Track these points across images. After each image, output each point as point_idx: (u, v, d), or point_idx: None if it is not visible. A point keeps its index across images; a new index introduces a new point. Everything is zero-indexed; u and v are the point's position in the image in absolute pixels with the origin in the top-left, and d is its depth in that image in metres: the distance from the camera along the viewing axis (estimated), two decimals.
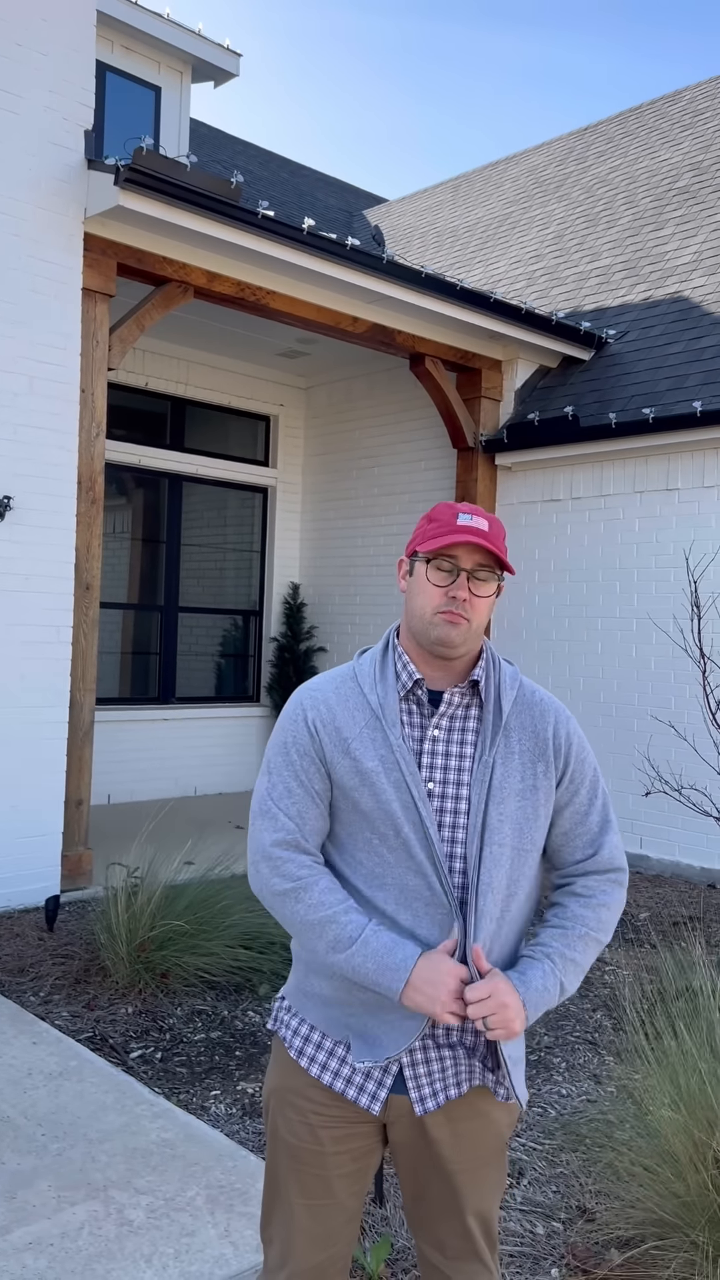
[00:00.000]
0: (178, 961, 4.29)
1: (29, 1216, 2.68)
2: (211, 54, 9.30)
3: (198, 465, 8.87)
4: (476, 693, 1.75)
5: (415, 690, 1.72)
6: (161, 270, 5.95)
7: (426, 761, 1.69)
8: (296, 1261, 1.78)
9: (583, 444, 7.13)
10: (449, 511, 1.71)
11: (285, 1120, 1.78)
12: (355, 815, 1.70)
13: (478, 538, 1.66)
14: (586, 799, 1.77)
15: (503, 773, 1.69)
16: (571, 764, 1.75)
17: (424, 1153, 1.76)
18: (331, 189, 13.79)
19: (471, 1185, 1.78)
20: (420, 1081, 1.71)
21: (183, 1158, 3.01)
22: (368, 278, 6.49)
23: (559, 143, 12.29)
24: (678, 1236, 2.50)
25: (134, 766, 8.38)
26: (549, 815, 1.75)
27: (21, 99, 5.36)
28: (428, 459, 8.53)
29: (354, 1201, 1.80)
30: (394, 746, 1.67)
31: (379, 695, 1.70)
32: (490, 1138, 1.78)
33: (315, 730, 1.70)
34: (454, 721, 1.72)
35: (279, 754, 1.74)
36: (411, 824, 1.66)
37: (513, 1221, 2.82)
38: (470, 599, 1.68)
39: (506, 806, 1.68)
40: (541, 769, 1.72)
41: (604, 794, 1.80)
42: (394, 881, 1.68)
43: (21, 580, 5.41)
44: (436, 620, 1.67)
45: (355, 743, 1.68)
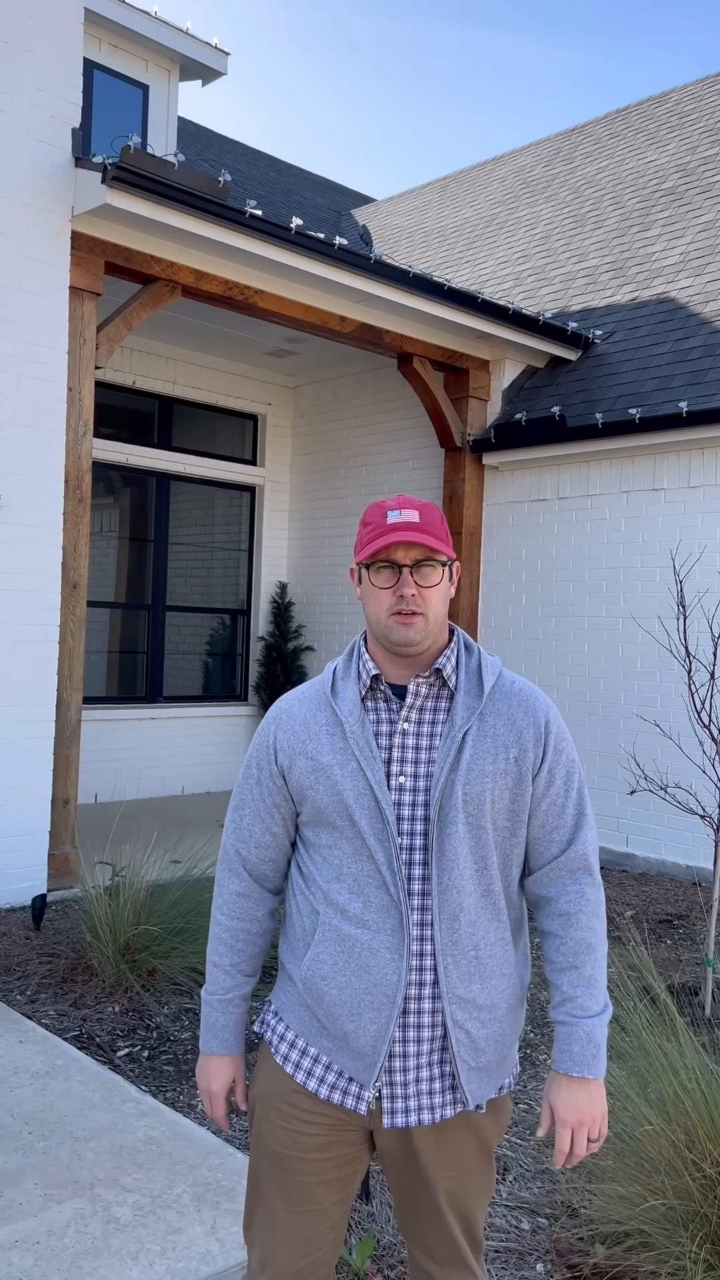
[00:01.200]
0: (164, 960, 4.29)
1: (15, 1214, 2.68)
2: (199, 52, 9.29)
3: (185, 464, 8.86)
4: (444, 682, 1.73)
5: (378, 687, 1.73)
6: (149, 269, 5.95)
7: (397, 755, 1.68)
8: (277, 1266, 1.76)
9: (569, 444, 7.15)
10: (379, 512, 1.71)
11: (269, 1125, 1.76)
12: (317, 813, 1.72)
13: (408, 533, 1.65)
14: (562, 789, 1.73)
15: (473, 753, 1.67)
16: (549, 753, 1.71)
17: (408, 1161, 1.75)
18: (319, 188, 13.80)
19: (456, 1193, 1.76)
20: (395, 1092, 1.69)
21: (169, 1155, 3.01)
22: (355, 277, 6.50)
23: (546, 144, 12.32)
24: (660, 1235, 2.52)
25: (121, 766, 8.37)
26: (527, 804, 1.71)
27: (8, 96, 5.35)
28: (415, 458, 8.55)
29: (338, 1209, 1.77)
30: (350, 738, 1.68)
31: (340, 695, 1.73)
32: (475, 1148, 1.76)
33: (276, 742, 1.77)
34: (424, 714, 1.71)
35: (244, 766, 1.84)
36: (365, 811, 1.66)
37: (499, 1217, 2.83)
38: (419, 593, 1.67)
39: (474, 787, 1.66)
40: (516, 754, 1.69)
41: (581, 788, 1.76)
42: (349, 872, 1.69)
43: (7, 579, 5.40)
44: (391, 623, 1.68)
45: (313, 743, 1.72)
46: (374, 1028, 1.66)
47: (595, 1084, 1.69)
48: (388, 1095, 1.68)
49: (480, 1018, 1.69)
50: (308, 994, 1.73)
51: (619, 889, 6.37)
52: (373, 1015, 1.66)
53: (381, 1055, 1.66)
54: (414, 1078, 1.68)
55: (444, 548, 1.69)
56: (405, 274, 6.65)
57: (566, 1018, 1.70)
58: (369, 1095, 1.69)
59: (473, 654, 1.76)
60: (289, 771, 1.74)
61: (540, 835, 1.73)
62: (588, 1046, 1.68)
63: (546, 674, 7.48)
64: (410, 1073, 1.68)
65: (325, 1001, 1.70)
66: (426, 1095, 1.69)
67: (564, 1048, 1.70)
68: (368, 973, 1.67)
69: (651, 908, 5.93)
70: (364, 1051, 1.68)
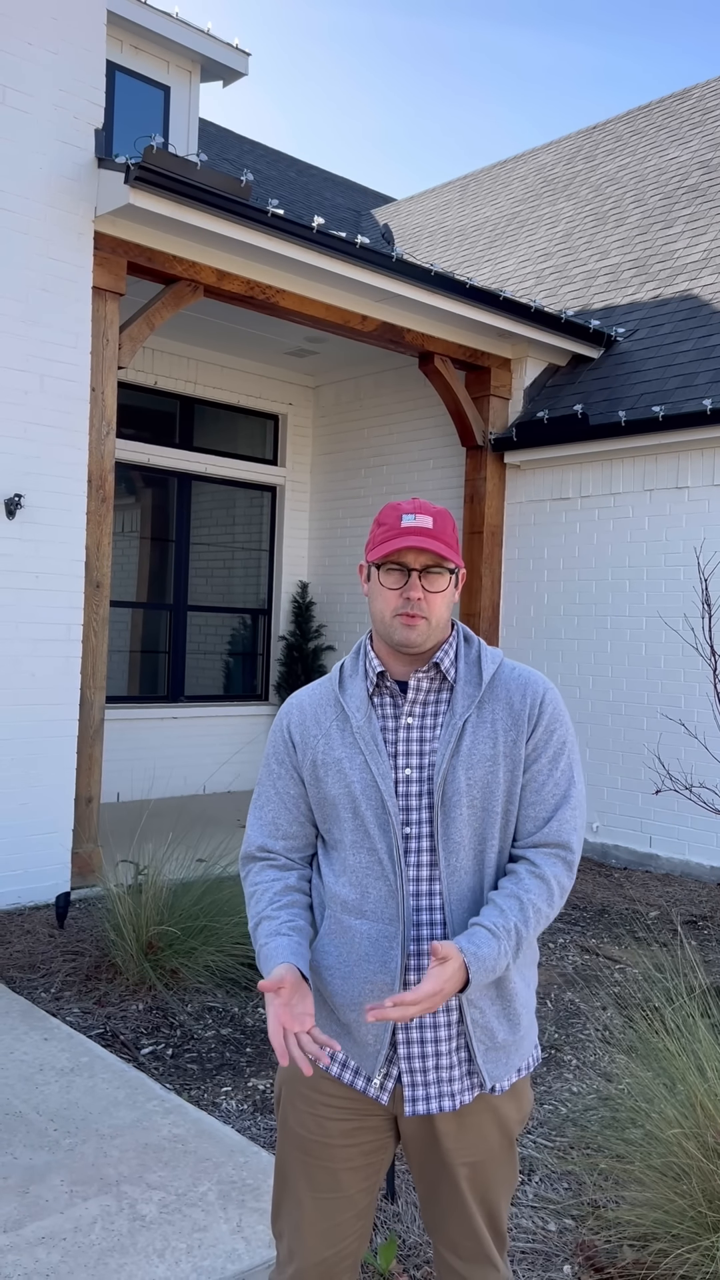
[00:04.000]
0: (187, 958, 4.30)
1: (41, 1211, 2.68)
2: (220, 53, 9.31)
3: (206, 464, 8.88)
4: (444, 674, 1.77)
5: (383, 683, 1.78)
6: (171, 269, 5.96)
7: (402, 749, 1.73)
8: (304, 1256, 1.77)
9: (592, 442, 7.12)
10: (394, 514, 1.74)
11: (295, 1111, 1.79)
12: (326, 805, 1.77)
13: (420, 539, 1.69)
14: (547, 766, 1.74)
15: (473, 740, 1.71)
16: (539, 730, 1.74)
17: (431, 1147, 1.77)
18: (339, 188, 13.79)
19: (479, 1181, 1.77)
20: (416, 1080, 1.71)
21: (194, 1153, 3.01)
22: (377, 276, 6.49)
23: (567, 141, 12.27)
24: (689, 1238, 2.49)
25: (143, 765, 8.39)
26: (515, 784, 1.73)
27: (31, 98, 5.37)
28: (436, 458, 8.53)
29: (363, 1198, 1.79)
30: (356, 733, 1.74)
31: (348, 691, 1.79)
32: (496, 1132, 1.78)
33: (290, 737, 1.83)
34: (426, 706, 1.76)
35: (264, 764, 1.89)
36: (370, 803, 1.71)
37: (525, 1218, 2.82)
38: (425, 597, 1.71)
39: (475, 772, 1.70)
40: (513, 737, 1.72)
41: (569, 771, 1.75)
42: (351, 864, 1.74)
43: (32, 578, 5.42)
44: (395, 624, 1.73)
45: (324, 739, 1.78)
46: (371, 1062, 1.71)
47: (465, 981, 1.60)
48: (408, 1083, 1.71)
49: (490, 994, 1.73)
50: (316, 982, 1.78)
51: (642, 889, 6.33)
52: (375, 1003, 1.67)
53: (384, 1045, 1.70)
54: (434, 1064, 1.71)
55: (453, 556, 1.74)
56: (427, 272, 6.63)
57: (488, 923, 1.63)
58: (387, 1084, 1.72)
59: (472, 645, 1.81)
60: (302, 766, 1.81)
61: (525, 811, 1.74)
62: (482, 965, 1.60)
63: (569, 673, 7.45)
64: (430, 1059, 1.71)
65: (329, 991, 1.76)
66: (447, 1082, 1.72)
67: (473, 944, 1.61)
68: (367, 962, 1.71)
69: (676, 909, 5.89)
70: (366, 1041, 1.72)
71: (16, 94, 5.31)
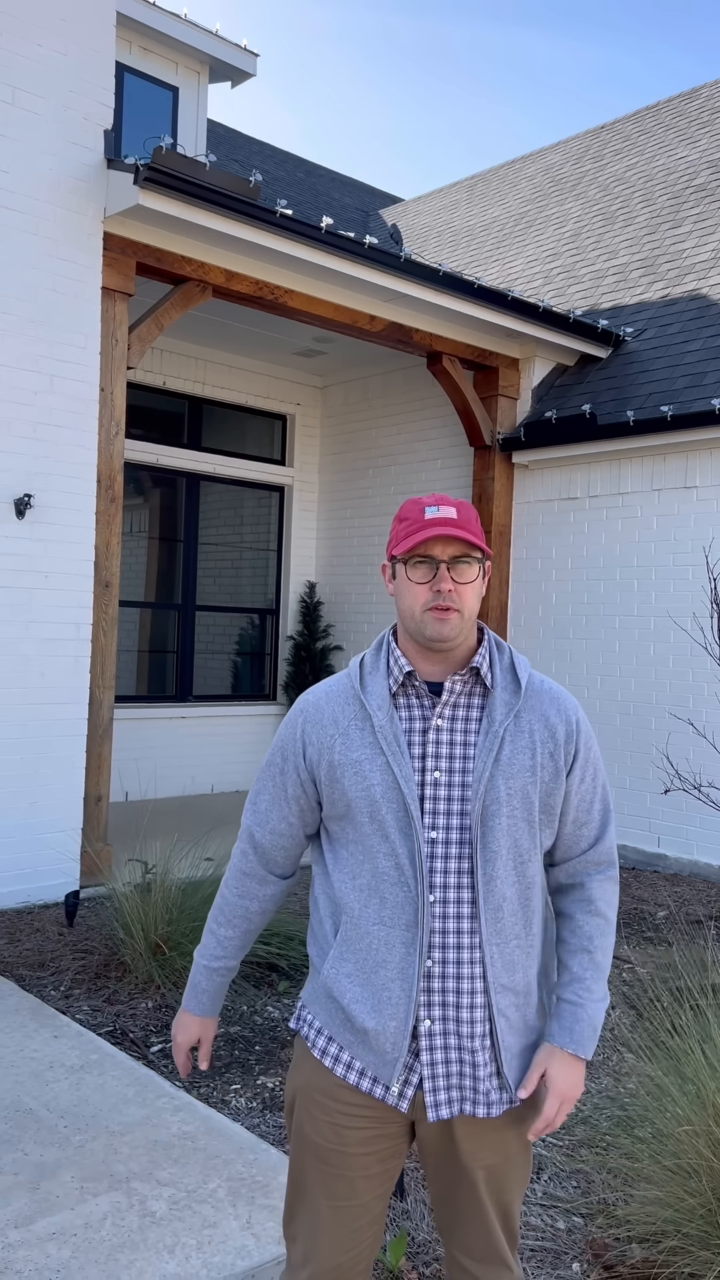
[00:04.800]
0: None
1: (52, 1207, 2.69)
2: (229, 54, 9.33)
3: (215, 464, 8.89)
4: (479, 680, 1.75)
5: (411, 683, 1.74)
6: (180, 269, 5.97)
7: (431, 751, 1.70)
8: (319, 1261, 1.77)
9: (600, 442, 7.11)
10: (416, 508, 1.72)
11: (311, 1119, 1.76)
12: (344, 807, 1.73)
13: (447, 528, 1.67)
14: (591, 786, 1.78)
15: (512, 749, 1.70)
16: (580, 751, 1.76)
17: (449, 1151, 1.75)
18: (347, 188, 13.81)
19: (495, 1183, 1.77)
20: (438, 1085, 1.70)
21: (204, 1150, 3.02)
22: (385, 276, 6.50)
23: (575, 141, 12.27)
24: (700, 1236, 2.49)
25: (151, 764, 8.41)
26: (559, 801, 1.75)
27: (41, 99, 5.39)
28: (444, 457, 8.53)
29: (378, 1204, 1.78)
30: (378, 732, 1.69)
31: (370, 689, 1.74)
32: (514, 1135, 1.78)
33: (303, 737, 1.78)
34: (458, 710, 1.73)
35: (270, 754, 1.86)
36: (391, 806, 1.68)
37: (534, 1216, 2.82)
38: (455, 588, 1.69)
39: (514, 782, 1.69)
40: (552, 749, 1.72)
41: (605, 785, 1.82)
42: (368, 868, 1.71)
43: (41, 578, 5.44)
44: (426, 618, 1.69)
45: (342, 738, 1.73)
46: (394, 1024, 1.68)
47: (584, 1064, 1.76)
48: (430, 1089, 1.70)
49: (517, 1003, 1.74)
50: (332, 990, 1.75)
51: (650, 889, 6.32)
52: (391, 1011, 1.68)
53: (402, 1053, 1.68)
54: (457, 1070, 1.71)
55: (481, 544, 1.71)
56: (435, 272, 6.64)
57: (574, 997, 1.76)
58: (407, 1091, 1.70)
59: (504, 652, 1.79)
60: (317, 766, 1.75)
61: (571, 830, 1.79)
62: (588, 1028, 1.74)
63: (577, 673, 7.45)
64: (454, 1065, 1.71)
65: (346, 999, 1.72)
66: (470, 1090, 1.71)
67: (567, 1026, 1.74)
68: (384, 969, 1.69)
69: (684, 908, 5.88)
70: (384, 1049, 1.69)
71: (26, 95, 5.33)
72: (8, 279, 5.28)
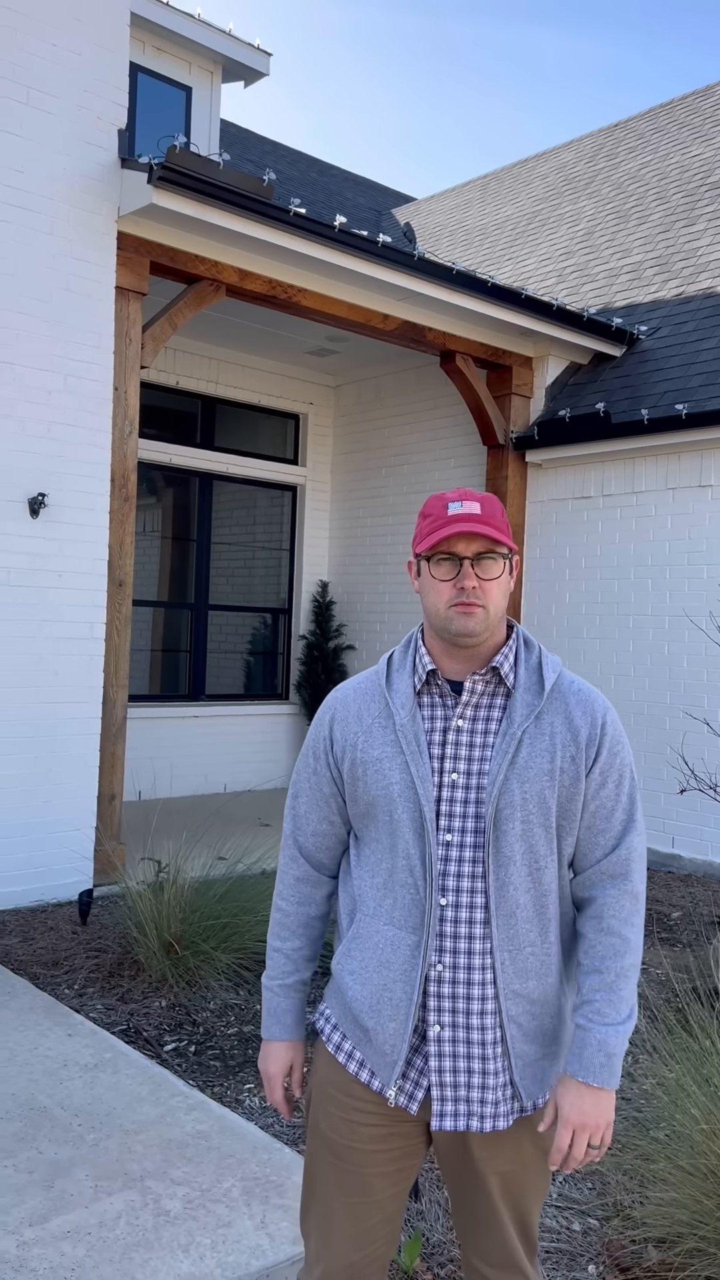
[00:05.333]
0: (209, 957, 4.30)
1: (67, 1205, 2.69)
2: (242, 54, 9.33)
3: (228, 464, 8.90)
4: (501, 679, 1.71)
5: (434, 681, 1.72)
6: (194, 268, 5.97)
7: (450, 752, 1.67)
8: (331, 1259, 1.75)
9: (614, 440, 7.09)
10: (439, 504, 1.69)
11: (326, 1115, 1.76)
12: (365, 805, 1.72)
13: (470, 524, 1.63)
14: (613, 793, 1.70)
15: (530, 752, 1.65)
16: (603, 754, 1.69)
17: (463, 1158, 1.73)
18: (359, 188, 13.79)
19: (511, 1190, 1.74)
20: (445, 1094, 1.67)
21: (218, 1150, 3.01)
22: (399, 275, 6.49)
23: (589, 139, 12.23)
24: (717, 1239, 2.48)
25: (164, 763, 8.42)
26: (580, 804, 1.69)
27: (55, 98, 5.40)
28: (457, 456, 8.52)
29: (392, 1203, 1.76)
30: (399, 731, 1.68)
31: (394, 687, 1.73)
32: (531, 1146, 1.74)
33: (330, 733, 1.78)
34: (479, 710, 1.70)
35: (303, 753, 1.85)
36: (407, 806, 1.66)
37: (549, 1218, 2.80)
38: (480, 585, 1.66)
39: (530, 786, 1.64)
40: (573, 754, 1.66)
41: (632, 794, 1.72)
42: (384, 866, 1.70)
43: (55, 577, 5.45)
44: (451, 614, 1.66)
45: (364, 735, 1.72)
46: (393, 1025, 1.67)
47: (604, 1092, 1.65)
48: (437, 1097, 1.67)
49: (533, 1011, 1.69)
50: (340, 986, 1.76)
51: (665, 890, 6.29)
52: (391, 1012, 1.67)
53: (400, 1056, 1.66)
54: (465, 1080, 1.67)
55: (506, 539, 1.67)
56: (449, 271, 6.62)
57: (583, 1021, 1.67)
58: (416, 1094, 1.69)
59: (533, 651, 1.74)
60: (342, 762, 1.75)
61: (586, 837, 1.71)
62: (598, 1054, 1.65)
63: (591, 673, 7.42)
64: (462, 1075, 1.67)
65: (350, 995, 1.73)
66: (478, 1103, 1.67)
67: (576, 1051, 1.67)
68: (388, 969, 1.68)
69: (699, 909, 5.85)
70: (384, 1049, 1.69)
71: (41, 95, 5.34)
72: (22, 278, 5.29)
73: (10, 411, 5.27)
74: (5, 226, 5.23)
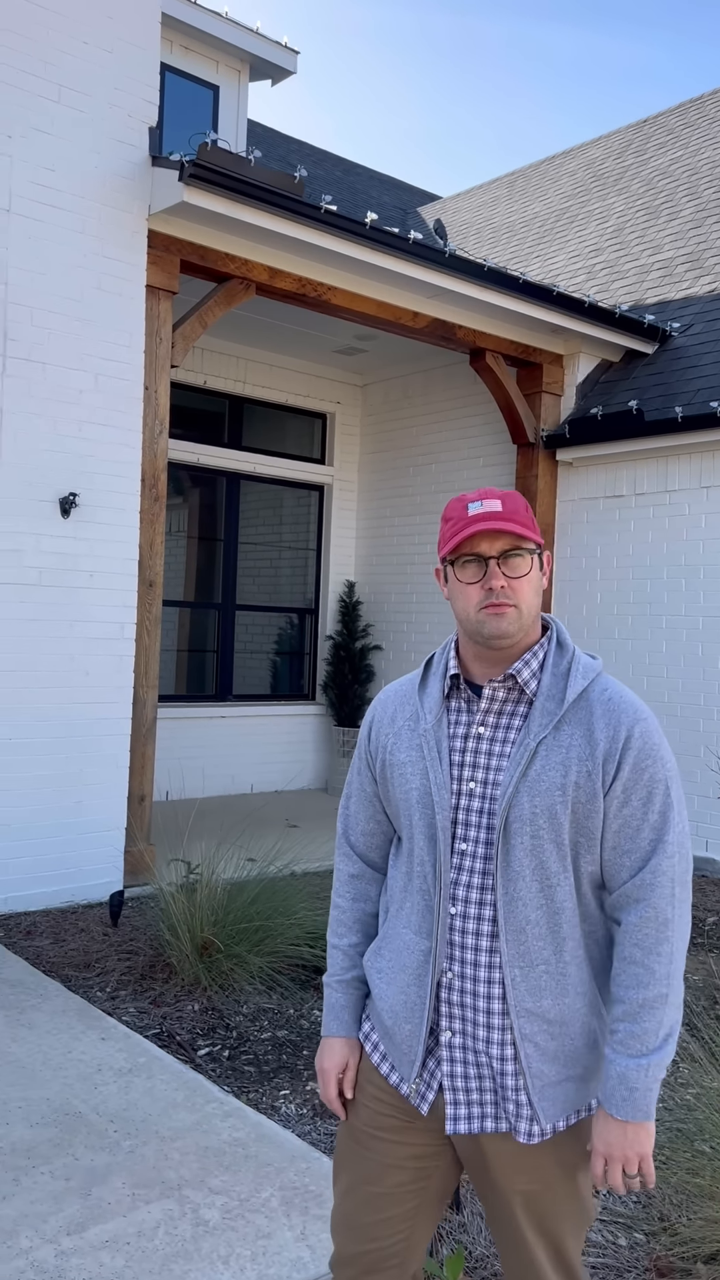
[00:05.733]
0: (242, 960, 4.27)
1: (104, 1214, 2.66)
2: (270, 52, 9.29)
3: (255, 463, 8.87)
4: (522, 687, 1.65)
5: (458, 685, 1.68)
6: (224, 267, 5.94)
7: (469, 760, 1.63)
8: (342, 1244, 1.74)
9: (647, 438, 7.00)
10: (459, 506, 1.64)
11: (355, 1100, 1.78)
12: (393, 807, 1.74)
13: (491, 523, 1.58)
14: (639, 810, 1.58)
15: (543, 764, 1.58)
16: (625, 769, 1.57)
17: (483, 1169, 1.68)
18: (385, 186, 13.74)
19: (535, 1210, 1.67)
20: (458, 1098, 1.64)
21: (255, 1158, 2.97)
22: (430, 272, 6.43)
23: (617, 136, 12.12)
24: None
25: (191, 763, 8.40)
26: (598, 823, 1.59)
27: (87, 96, 5.38)
28: (486, 455, 8.45)
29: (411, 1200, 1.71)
30: (423, 736, 1.67)
31: (427, 690, 1.72)
32: (552, 1162, 1.66)
33: (370, 732, 1.79)
34: (501, 718, 1.64)
35: (353, 758, 1.87)
36: (423, 812, 1.65)
37: (595, 1233, 2.74)
38: (509, 583, 1.60)
39: (540, 800, 1.57)
40: (588, 769, 1.57)
41: (666, 811, 1.59)
42: (403, 870, 1.72)
43: (86, 577, 5.43)
44: (483, 617, 1.61)
45: (395, 738, 1.73)
46: (408, 1027, 1.68)
47: (632, 1125, 1.58)
48: (450, 1100, 1.65)
49: (551, 1031, 1.63)
50: (370, 983, 1.78)
51: (699, 894, 6.20)
52: (406, 1015, 1.68)
53: (417, 1053, 1.66)
54: (478, 1086, 1.65)
55: (531, 534, 1.61)
56: (480, 268, 6.56)
57: (608, 1050, 1.61)
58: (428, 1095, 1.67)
59: (565, 654, 1.67)
60: (375, 764, 1.77)
61: (612, 858, 1.61)
62: (619, 1087, 1.58)
63: (623, 674, 7.33)
64: (474, 1080, 1.65)
65: (375, 992, 1.75)
66: (492, 1105, 1.65)
67: (602, 1081, 1.62)
68: (404, 972, 1.69)
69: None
70: (403, 1048, 1.69)
71: (72, 93, 5.32)
72: (54, 277, 5.27)
73: (42, 410, 5.25)
74: (37, 225, 5.21)
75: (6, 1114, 3.16)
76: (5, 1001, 4.04)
